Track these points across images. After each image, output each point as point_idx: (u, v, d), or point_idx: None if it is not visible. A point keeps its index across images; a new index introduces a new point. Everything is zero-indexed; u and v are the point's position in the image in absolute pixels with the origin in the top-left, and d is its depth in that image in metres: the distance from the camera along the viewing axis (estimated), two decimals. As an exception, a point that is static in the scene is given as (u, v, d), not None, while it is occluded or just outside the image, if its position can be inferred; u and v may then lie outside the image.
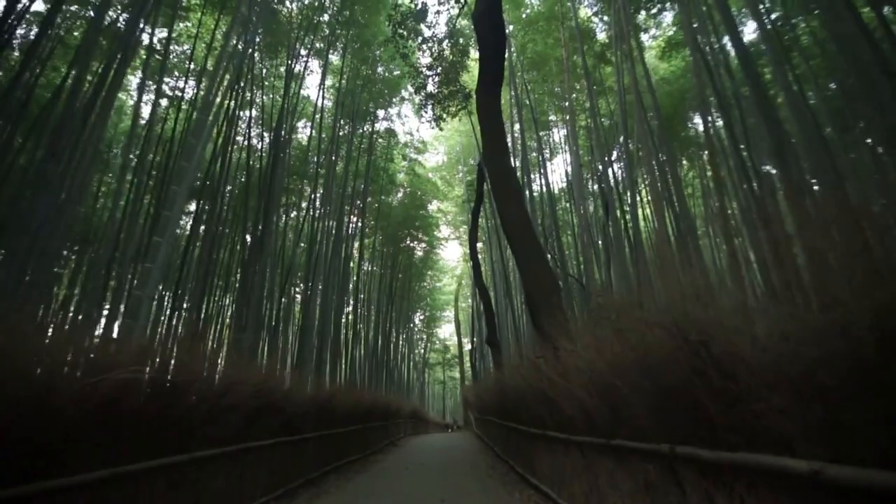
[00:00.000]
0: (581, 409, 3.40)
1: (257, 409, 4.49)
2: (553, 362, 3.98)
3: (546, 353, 4.16)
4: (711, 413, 1.84)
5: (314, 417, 6.44)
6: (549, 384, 4.01)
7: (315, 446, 6.63)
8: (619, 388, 2.65)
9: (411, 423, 22.22)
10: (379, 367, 22.71)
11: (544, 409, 4.48)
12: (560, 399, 3.75)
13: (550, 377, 3.95)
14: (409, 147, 18.45)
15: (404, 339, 34.21)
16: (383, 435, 13.39)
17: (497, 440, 9.61)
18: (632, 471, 2.67)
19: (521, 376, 5.19)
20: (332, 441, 7.54)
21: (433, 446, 14.07)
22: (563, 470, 4.06)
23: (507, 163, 5.98)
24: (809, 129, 6.40)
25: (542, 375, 4.35)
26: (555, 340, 4.29)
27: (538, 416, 4.81)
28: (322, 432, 6.94)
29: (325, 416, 7.06)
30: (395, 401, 16.26)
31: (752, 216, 6.73)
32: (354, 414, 8.98)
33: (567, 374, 3.74)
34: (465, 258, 28.35)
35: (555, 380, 3.84)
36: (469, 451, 11.39)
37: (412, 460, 9.97)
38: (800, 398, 1.39)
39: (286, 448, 5.52)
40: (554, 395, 3.87)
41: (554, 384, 3.91)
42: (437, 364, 45.33)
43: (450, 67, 12.90)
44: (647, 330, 2.37)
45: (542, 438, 4.76)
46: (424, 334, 40.43)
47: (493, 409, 9.94)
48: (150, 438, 3.04)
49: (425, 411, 33.49)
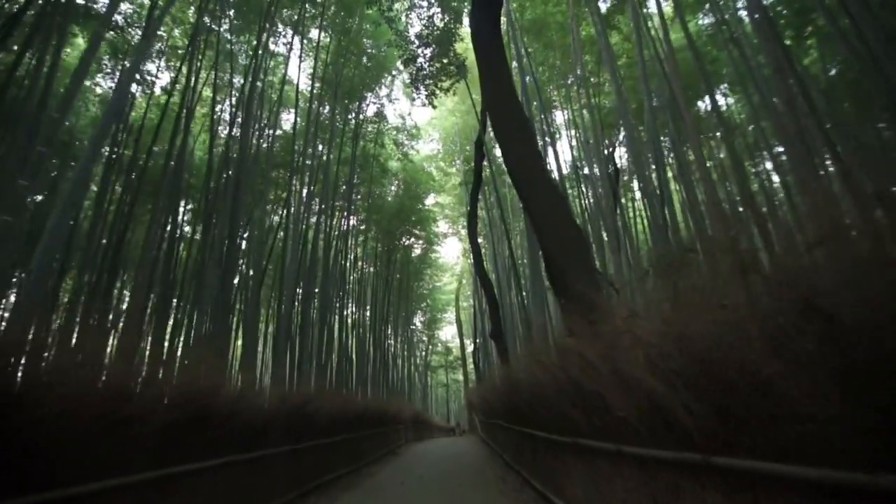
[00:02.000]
0: (646, 408, 2.22)
1: (185, 420, 3.29)
2: (592, 340, 2.79)
3: (579, 328, 2.97)
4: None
5: (283, 427, 5.23)
6: (586, 372, 2.83)
7: (286, 462, 5.42)
8: (747, 369, 1.47)
9: (413, 428, 20.93)
10: (377, 370, 21.48)
11: (576, 407, 3.29)
12: (608, 392, 2.56)
13: (589, 361, 2.76)
14: (402, 132, 17.25)
15: (405, 341, 32.99)
16: (381, 443, 12.16)
17: (506, 447, 8.39)
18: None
19: (540, 367, 4.00)
20: (311, 455, 6.33)
21: (436, 454, 12.83)
22: (611, 495, 2.85)
23: (512, 95, 4.78)
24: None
25: (574, 361, 3.16)
26: (591, 311, 3.10)
27: (565, 418, 3.62)
28: (297, 445, 5.73)
29: (299, 424, 5.85)
30: (393, 405, 15.03)
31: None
32: (341, 421, 7.76)
33: (616, 354, 2.56)
34: (465, 254, 27.16)
35: (596, 365, 2.65)
36: (474, 459, 10.17)
37: (412, 471, 8.75)
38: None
39: (240, 469, 4.31)
40: (595, 387, 2.68)
41: (594, 372, 2.72)
42: (439, 367, 44.11)
43: (441, 35, 11.75)
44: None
45: (572, 448, 3.56)
46: (426, 336, 39.24)
47: (500, 412, 8.73)
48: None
49: (428, 415, 32.19)
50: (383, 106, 15.53)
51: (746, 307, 1.57)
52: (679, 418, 1.91)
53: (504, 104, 4.63)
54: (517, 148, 4.39)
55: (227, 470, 4.04)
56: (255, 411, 4.54)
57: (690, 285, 2.24)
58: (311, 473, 6.25)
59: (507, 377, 6.77)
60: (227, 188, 9.60)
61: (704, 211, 8.97)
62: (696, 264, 2.20)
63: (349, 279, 18.43)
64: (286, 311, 10.12)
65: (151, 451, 3.03)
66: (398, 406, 16.04)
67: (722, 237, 1.97)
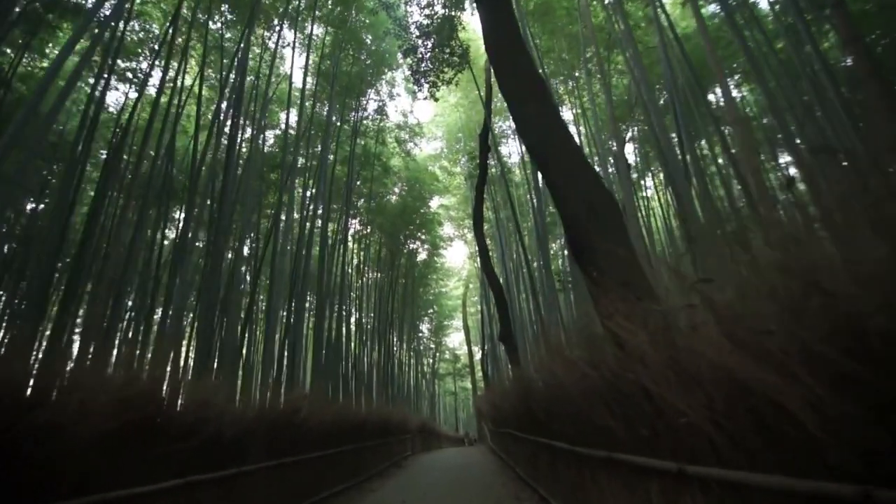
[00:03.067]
0: (731, 409, 1.55)
1: (126, 431, 2.66)
2: (636, 323, 2.13)
3: (614, 309, 2.31)
4: None
5: (265, 439, 4.59)
6: (628, 366, 2.16)
7: (270, 480, 4.76)
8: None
9: (420, 438, 20.10)
10: (382, 378, 20.76)
11: (611, 412, 2.61)
12: (663, 390, 1.89)
13: (633, 351, 2.10)
14: (404, 129, 16.70)
15: (412, 349, 32.24)
16: (384, 455, 11.43)
17: (518, 458, 7.66)
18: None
19: (562, 365, 3.32)
20: (301, 470, 5.66)
21: (443, 466, 12.05)
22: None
23: (520, 44, 4.13)
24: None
25: (609, 354, 2.49)
26: (629, 288, 2.44)
27: (595, 427, 2.94)
28: (283, 459, 5.07)
29: (287, 436, 5.20)
30: (398, 414, 14.30)
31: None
32: (338, 432, 7.10)
33: (675, 338, 1.89)
34: (472, 256, 26.48)
35: (646, 354, 1.99)
36: (484, 473, 9.40)
37: (416, 487, 8.03)
38: None
39: (209, 490, 3.66)
40: (645, 384, 2.00)
41: (639, 365, 2.05)
42: (447, 374, 43.25)
43: (442, 24, 11.23)
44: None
45: (606, 464, 2.87)
46: (433, 343, 38.45)
47: (511, 420, 8.00)
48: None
49: (436, 425, 31.26)
50: (385, 103, 15.06)
51: None
52: (799, 423, 1.24)
53: (510, 53, 3.98)
54: (528, 102, 3.74)
55: (189, 492, 3.40)
56: (228, 421, 3.90)
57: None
58: (300, 491, 5.57)
59: (519, 380, 6.08)
60: (220, 190, 9.08)
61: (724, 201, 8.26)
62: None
63: (351, 284, 17.82)
64: (276, 316, 9.52)
65: (85, 468, 2.40)
66: (403, 415, 15.31)
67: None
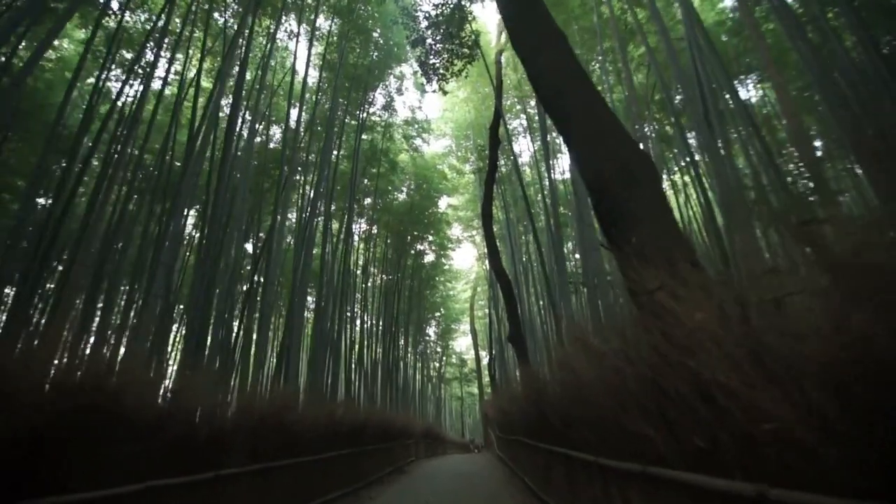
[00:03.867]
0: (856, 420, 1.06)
1: (71, 424, 2.23)
2: (690, 303, 1.65)
3: (654, 286, 1.83)
4: None
5: (247, 441, 4.14)
6: (683, 355, 1.67)
7: (253, 486, 4.30)
8: None
9: (425, 443, 19.54)
10: (387, 381, 20.27)
11: (649, 418, 2.12)
12: (742, 388, 1.39)
13: (688, 337, 1.61)
14: (412, 125, 16.27)
15: (418, 352, 31.74)
16: (386, 460, 10.94)
17: (528, 468, 7.12)
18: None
19: (586, 361, 2.83)
20: (291, 475, 5.20)
21: (448, 473, 11.51)
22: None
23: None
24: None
25: (649, 344, 2.00)
26: (673, 261, 1.96)
27: (626, 435, 2.45)
28: (271, 463, 4.62)
29: (275, 438, 4.75)
30: (401, 418, 13.82)
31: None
32: (334, 435, 6.64)
33: (750, 319, 1.40)
34: (481, 258, 25.97)
35: (712, 340, 1.50)
36: (490, 482, 8.87)
37: (418, 496, 7.54)
38: None
39: (178, 496, 3.21)
40: (708, 377, 1.52)
41: (702, 354, 1.57)
42: (453, 379, 42.67)
43: (452, 14, 10.85)
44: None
45: (641, 482, 2.37)
46: (440, 347, 37.91)
47: (520, 426, 7.48)
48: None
49: (442, 430, 30.64)
50: (392, 99, 14.69)
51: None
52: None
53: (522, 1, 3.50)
54: (543, 51, 3.24)
55: (152, 499, 2.95)
56: (202, 419, 3.47)
57: None
58: (290, 498, 5.11)
59: (530, 382, 5.57)
60: (216, 183, 8.74)
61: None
62: None
63: (356, 283, 17.41)
64: (272, 314, 9.11)
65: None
66: (407, 419, 14.81)
67: None
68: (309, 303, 15.55)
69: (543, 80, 3.29)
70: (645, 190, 2.45)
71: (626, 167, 2.53)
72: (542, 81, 3.32)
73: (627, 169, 2.52)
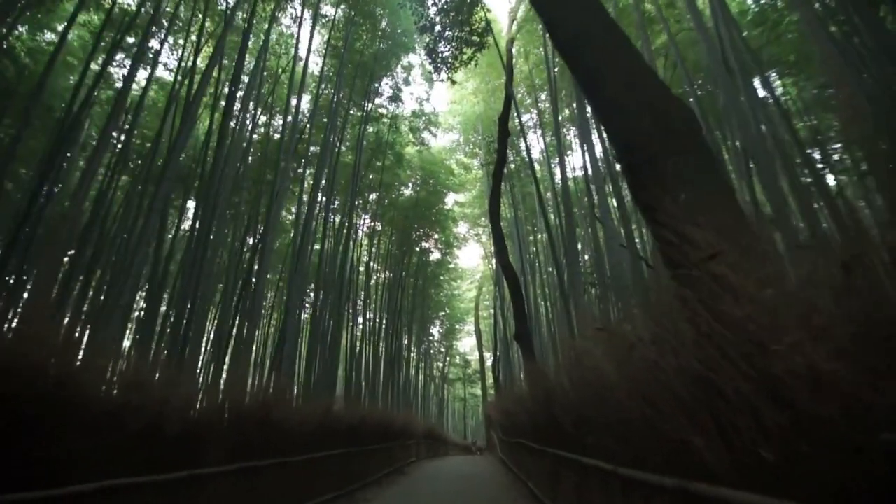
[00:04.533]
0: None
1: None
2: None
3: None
4: None
5: (227, 438, 3.80)
6: (750, 340, 1.29)
7: (233, 486, 3.95)
8: None
9: (426, 444, 19.14)
10: (389, 380, 19.90)
11: (695, 423, 1.73)
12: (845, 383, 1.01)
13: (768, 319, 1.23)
14: (420, 117, 15.86)
15: (421, 351, 31.37)
16: (384, 460, 10.57)
17: (534, 474, 6.71)
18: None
19: (613, 354, 2.44)
20: (277, 476, 4.84)
21: (449, 475, 11.12)
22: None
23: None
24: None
25: (697, 331, 1.61)
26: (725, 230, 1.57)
27: (657, 442, 2.05)
28: (254, 462, 4.26)
29: (260, 435, 4.40)
30: (401, 417, 13.44)
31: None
32: (326, 433, 6.28)
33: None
34: (487, 256, 25.53)
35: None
36: (493, 487, 8.47)
37: (416, 498, 7.17)
38: None
39: (143, 496, 2.86)
40: (792, 368, 1.13)
41: (777, 334, 1.18)
42: (457, 380, 42.18)
43: (461, 0, 10.48)
44: None
45: (677, 500, 1.97)
46: (443, 347, 37.52)
47: (526, 429, 7.07)
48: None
49: (444, 431, 30.21)
50: (400, 90, 14.32)
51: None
52: None
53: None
54: (570, 6, 2.83)
55: (109, 500, 2.61)
56: (173, 412, 3.12)
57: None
58: (275, 500, 4.76)
59: (538, 382, 5.17)
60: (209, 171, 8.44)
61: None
62: None
63: (357, 279, 17.06)
64: (263, 306, 8.79)
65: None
66: (408, 418, 14.44)
67: None
68: (310, 298, 15.26)
69: (566, 24, 2.87)
70: (688, 143, 2.05)
71: (665, 119, 2.14)
72: (564, 25, 2.90)
73: (667, 121, 2.13)
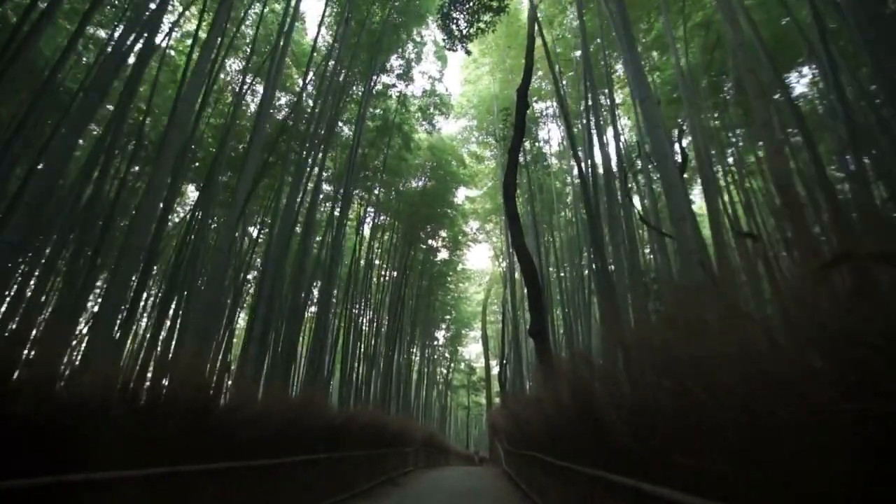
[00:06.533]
0: None
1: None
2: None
3: None
4: None
5: (132, 433, 2.74)
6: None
7: (147, 498, 2.89)
8: None
9: (426, 452, 17.88)
10: (387, 382, 18.73)
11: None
12: None
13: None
14: (432, 95, 14.77)
15: (425, 355, 30.21)
16: (376, 468, 9.44)
17: (549, 493, 5.54)
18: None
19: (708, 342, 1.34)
20: (224, 484, 3.76)
21: (449, 488, 9.92)
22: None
23: None
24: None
25: None
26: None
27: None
28: (180, 468, 3.20)
29: (198, 432, 3.34)
30: (398, 421, 12.33)
31: None
32: (299, 435, 5.21)
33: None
34: (497, 257, 24.37)
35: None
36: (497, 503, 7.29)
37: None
38: None
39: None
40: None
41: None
42: (461, 387, 40.83)
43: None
44: None
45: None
46: (448, 352, 36.29)
47: (539, 439, 5.93)
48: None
49: (445, 439, 28.86)
50: (410, 67, 13.33)
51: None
52: None
53: None
54: None
55: None
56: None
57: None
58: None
59: (563, 382, 4.03)
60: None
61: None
62: None
63: (358, 276, 15.99)
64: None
65: None
66: (405, 423, 13.30)
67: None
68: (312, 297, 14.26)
69: None
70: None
71: None
72: None
73: None
